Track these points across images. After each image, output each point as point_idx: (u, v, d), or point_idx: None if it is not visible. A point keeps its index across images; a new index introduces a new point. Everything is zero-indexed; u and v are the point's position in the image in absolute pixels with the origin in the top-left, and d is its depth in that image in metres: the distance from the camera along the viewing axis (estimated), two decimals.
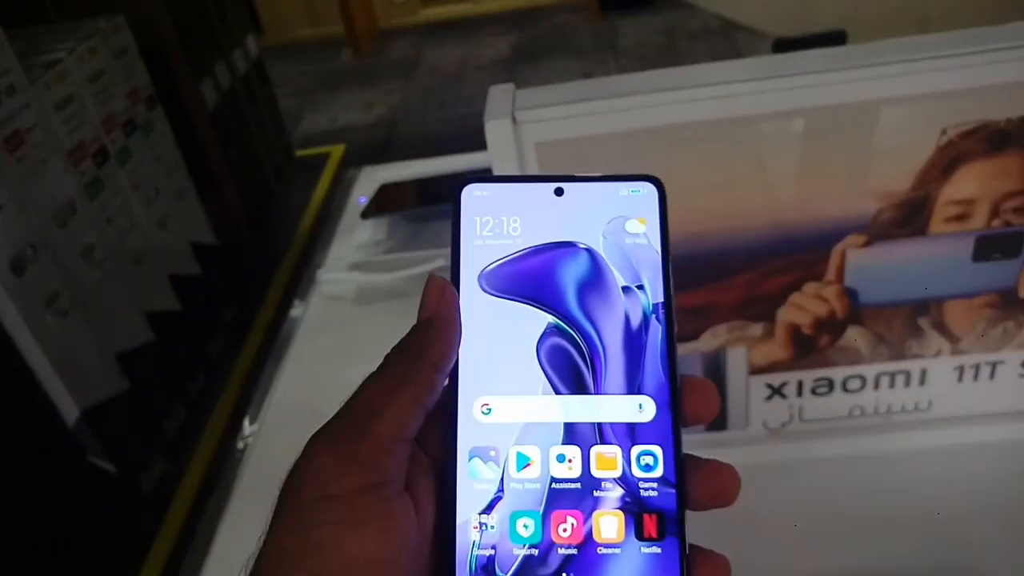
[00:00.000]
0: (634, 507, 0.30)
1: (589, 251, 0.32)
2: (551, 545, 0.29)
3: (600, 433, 0.30)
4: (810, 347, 0.65)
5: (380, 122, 3.67)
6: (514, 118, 0.57)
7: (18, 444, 1.70)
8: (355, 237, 1.07)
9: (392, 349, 0.31)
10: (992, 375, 0.66)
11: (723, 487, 0.30)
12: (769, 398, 0.69)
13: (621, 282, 0.32)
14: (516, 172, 0.60)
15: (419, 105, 3.77)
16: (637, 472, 0.30)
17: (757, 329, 0.65)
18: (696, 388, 0.31)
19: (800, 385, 0.68)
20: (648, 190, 0.33)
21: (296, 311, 1.01)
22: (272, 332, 2.48)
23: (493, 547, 0.29)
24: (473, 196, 0.33)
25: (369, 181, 1.20)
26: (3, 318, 1.65)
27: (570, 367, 0.31)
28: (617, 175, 0.33)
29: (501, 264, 0.32)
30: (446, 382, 0.31)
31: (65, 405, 1.80)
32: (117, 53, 2.10)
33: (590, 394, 0.30)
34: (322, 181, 3.26)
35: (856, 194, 0.58)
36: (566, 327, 0.31)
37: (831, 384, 0.68)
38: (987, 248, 0.59)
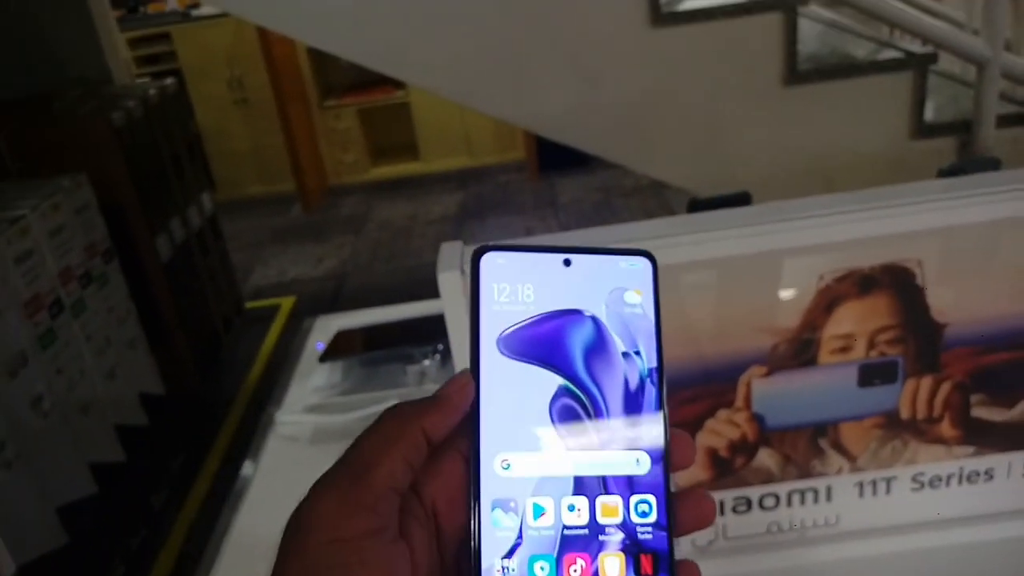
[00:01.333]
0: (633, 548, 0.33)
1: (594, 319, 0.35)
2: None
3: (604, 484, 0.34)
4: (727, 468, 0.73)
5: (330, 275, 3.78)
6: (463, 270, 0.66)
7: None
8: (312, 381, 1.14)
9: (388, 409, 0.34)
10: (888, 490, 0.74)
11: (704, 513, 0.35)
12: None
13: (621, 348, 0.35)
14: (466, 318, 0.69)
15: (369, 258, 3.90)
16: (635, 518, 0.34)
17: None
18: (677, 441, 0.35)
19: (722, 504, 0.75)
20: (643, 264, 0.36)
21: (247, 468, 1.04)
22: (219, 481, 2.46)
23: None
24: (491, 263, 0.36)
25: (325, 329, 1.27)
26: None
27: (578, 425, 0.34)
28: (616, 248, 0.37)
29: (517, 329, 0.35)
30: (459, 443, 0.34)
31: (1, 560, 1.76)
32: (78, 209, 2.19)
33: (595, 450, 0.34)
34: (271, 332, 3.31)
35: (755, 331, 0.68)
36: (574, 388, 0.34)
37: (749, 503, 0.75)
38: (869, 375, 0.69)
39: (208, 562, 0.86)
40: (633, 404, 0.34)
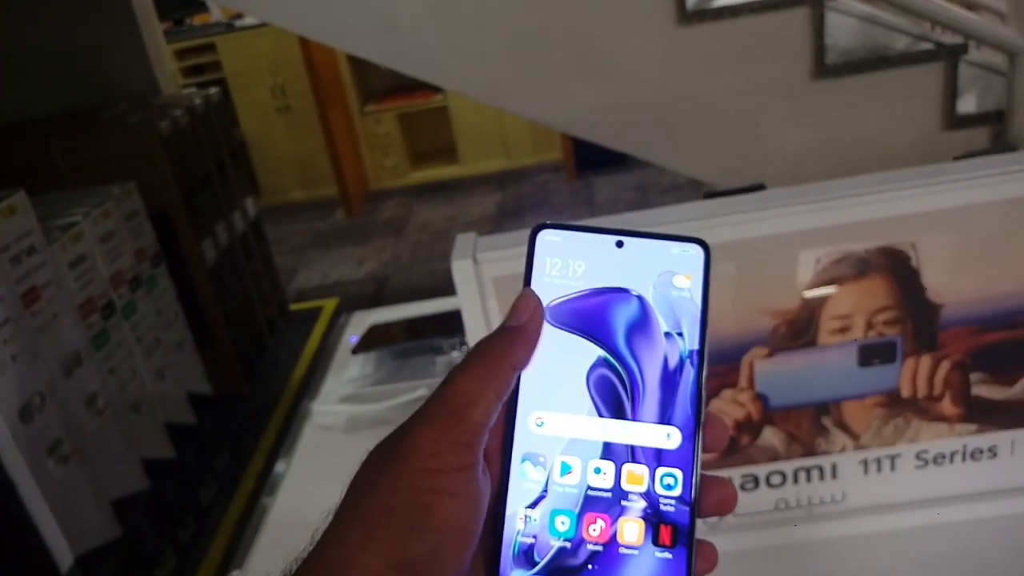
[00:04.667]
0: (654, 518, 0.35)
1: (640, 298, 0.36)
2: (581, 541, 0.35)
3: (632, 454, 0.35)
4: (734, 446, 0.76)
5: (371, 276, 3.85)
6: (475, 259, 0.70)
7: None
8: (346, 373, 1.19)
9: (478, 345, 0.35)
10: (892, 467, 0.77)
11: (726, 499, 0.36)
12: None
13: (664, 328, 0.36)
14: (478, 304, 0.73)
15: (409, 260, 3.97)
16: (659, 490, 0.35)
17: None
18: (712, 423, 0.36)
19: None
20: (696, 251, 0.37)
21: (283, 457, 1.10)
22: (264, 478, 2.54)
23: (534, 537, 0.35)
24: (545, 239, 0.37)
25: (360, 324, 1.33)
26: (7, 464, 1.72)
27: (613, 395, 0.36)
28: (671, 235, 0.37)
29: (564, 301, 0.37)
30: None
31: (60, 551, 1.84)
32: (127, 216, 2.28)
33: (627, 420, 0.35)
34: (315, 333, 3.39)
35: (756, 313, 0.71)
36: (613, 361, 0.36)
37: (757, 480, 0.78)
38: (869, 355, 0.71)
39: (247, 543, 0.91)
40: (670, 382, 0.36)
